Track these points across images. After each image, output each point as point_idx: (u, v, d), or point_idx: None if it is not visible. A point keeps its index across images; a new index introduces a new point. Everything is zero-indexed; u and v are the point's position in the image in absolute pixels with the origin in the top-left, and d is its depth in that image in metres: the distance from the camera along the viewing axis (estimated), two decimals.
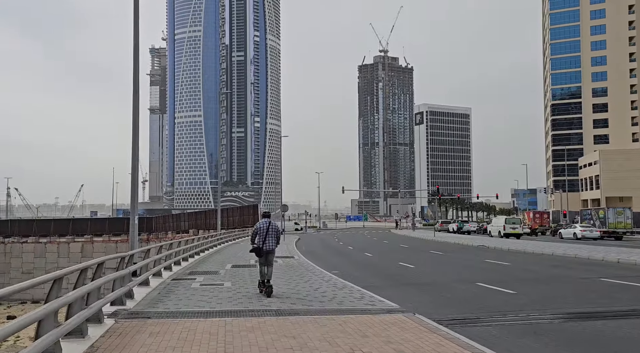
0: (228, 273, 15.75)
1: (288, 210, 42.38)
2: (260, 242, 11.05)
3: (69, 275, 5.89)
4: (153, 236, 69.71)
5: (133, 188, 13.96)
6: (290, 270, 16.96)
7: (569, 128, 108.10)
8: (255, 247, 11.10)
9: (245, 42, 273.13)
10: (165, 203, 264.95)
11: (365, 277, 16.26)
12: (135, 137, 14.12)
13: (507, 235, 42.83)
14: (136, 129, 14.17)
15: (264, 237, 11.03)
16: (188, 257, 20.47)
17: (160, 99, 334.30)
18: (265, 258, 11.12)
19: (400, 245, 34.61)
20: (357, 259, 24.15)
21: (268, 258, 11.16)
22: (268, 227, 11.09)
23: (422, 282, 14.69)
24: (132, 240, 13.76)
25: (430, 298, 11.53)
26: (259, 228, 11.13)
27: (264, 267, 11.15)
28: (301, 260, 21.59)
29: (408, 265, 19.83)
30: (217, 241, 31.54)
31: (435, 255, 25.34)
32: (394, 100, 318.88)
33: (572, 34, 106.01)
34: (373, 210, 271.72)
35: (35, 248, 63.57)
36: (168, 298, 10.44)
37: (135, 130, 14.16)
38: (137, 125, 14.25)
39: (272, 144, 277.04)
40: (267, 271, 11.10)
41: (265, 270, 11.12)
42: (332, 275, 15.38)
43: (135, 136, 14.13)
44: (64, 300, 5.45)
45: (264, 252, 11.05)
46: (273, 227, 11.18)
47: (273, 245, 11.18)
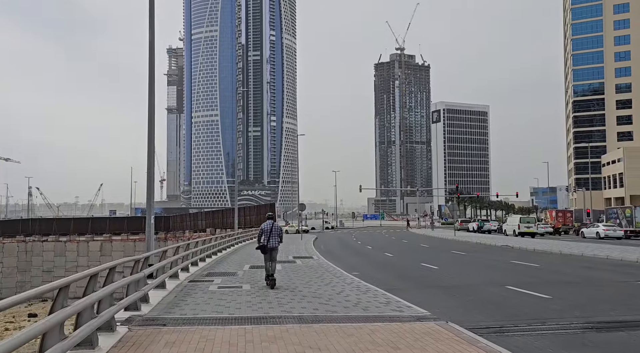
0: (246, 275, 15.29)
1: (305, 208, 41.88)
2: (265, 240, 12.26)
3: (79, 281, 5.44)
4: (171, 235, 69.90)
5: (149, 188, 13.58)
6: (309, 271, 16.44)
7: (591, 125, 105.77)
8: (261, 245, 12.34)
9: (262, 41, 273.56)
10: (182, 202, 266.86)
11: (387, 278, 15.67)
12: (151, 136, 13.73)
13: (522, 234, 42.93)
14: (151, 129, 13.78)
15: (268, 236, 12.27)
16: (205, 258, 20.10)
17: (178, 99, 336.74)
18: (269, 255, 12.34)
19: (420, 245, 33.88)
20: (377, 259, 23.54)
21: (272, 255, 12.37)
22: (271, 228, 12.35)
23: (448, 284, 14.03)
24: (149, 240, 13.38)
25: (458, 303, 10.90)
26: (264, 229, 12.38)
27: (269, 262, 12.38)
28: (320, 260, 21.07)
29: (431, 266, 19.17)
30: (234, 240, 31.19)
31: (458, 255, 24.60)
32: (411, 98, 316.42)
33: (594, 29, 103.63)
34: (389, 209, 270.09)
35: (55, 247, 64.22)
36: (185, 302, 9.99)
37: (150, 129, 13.77)
38: (153, 125, 13.86)
39: (288, 142, 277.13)
40: (271, 266, 12.30)
41: (269, 265, 12.32)
42: (354, 277, 14.82)
43: (150, 135, 13.74)
44: (71, 310, 4.98)
45: (269, 250, 12.30)
46: (276, 228, 12.44)
47: (276, 243, 12.42)
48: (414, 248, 31.40)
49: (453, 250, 27.63)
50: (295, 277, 14.51)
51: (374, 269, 18.90)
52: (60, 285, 4.91)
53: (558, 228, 52.58)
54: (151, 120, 13.77)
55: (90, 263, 59.95)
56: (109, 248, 63.42)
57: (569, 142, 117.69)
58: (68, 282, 5.05)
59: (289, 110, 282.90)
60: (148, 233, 13.47)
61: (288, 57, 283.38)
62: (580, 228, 49.64)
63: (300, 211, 41.96)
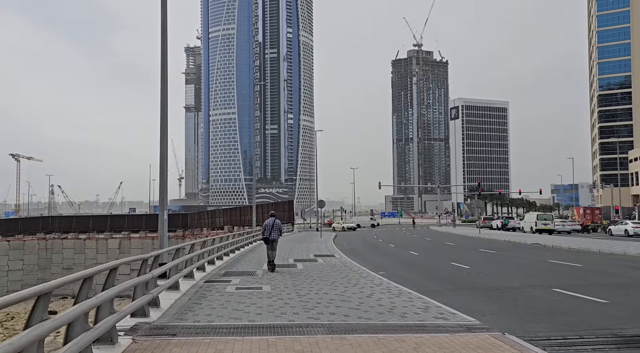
0: (266, 275, 14.27)
1: (324, 206, 40.82)
2: (267, 233, 15.31)
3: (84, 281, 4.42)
4: (188, 232, 69.52)
5: (161, 184, 12.64)
6: (333, 271, 15.35)
7: (617, 120, 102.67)
8: (264, 237, 15.44)
9: (278, 39, 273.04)
10: (200, 200, 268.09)
11: (417, 279, 14.51)
12: (163, 133, 12.79)
13: (540, 231, 43.81)
14: (164, 126, 12.83)
15: (270, 230, 15.32)
16: (223, 256, 19.17)
17: (196, 97, 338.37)
18: (270, 245, 15.35)
19: (445, 243, 32.55)
20: (403, 258, 22.36)
21: (273, 245, 15.39)
22: (273, 224, 15.44)
23: (487, 286, 12.80)
24: (162, 238, 12.45)
25: (505, 308, 9.71)
26: (267, 225, 15.49)
27: (270, 251, 15.34)
28: (343, 259, 19.97)
29: (461, 265, 17.93)
30: (252, 238, 30.29)
31: (488, 254, 23.27)
32: (429, 94, 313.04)
33: (621, 21, 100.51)
34: (407, 207, 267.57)
35: (75, 245, 64.38)
36: (199, 306, 8.99)
37: (163, 127, 12.81)
38: (166, 122, 12.91)
39: (305, 140, 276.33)
40: (271, 254, 15.30)
41: (270, 254, 15.33)
42: (381, 277, 13.69)
43: (163, 133, 12.78)
44: (51, 324, 3.96)
45: (270, 241, 15.33)
46: (276, 224, 15.51)
47: (276, 235, 15.42)
48: (438, 246, 30.12)
49: (481, 249, 26.28)
50: (319, 278, 13.43)
51: (401, 268, 17.74)
52: (40, 292, 3.90)
53: (587, 225, 50.69)
54: (164, 118, 12.84)
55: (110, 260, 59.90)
56: (127, 246, 63.37)
57: (593, 138, 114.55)
58: (51, 287, 4.04)
59: (306, 108, 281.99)
60: (161, 230, 12.54)
61: (305, 54, 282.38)
62: (609, 226, 47.87)
63: (320, 208, 40.90)
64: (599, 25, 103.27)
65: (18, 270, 61.09)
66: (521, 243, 29.90)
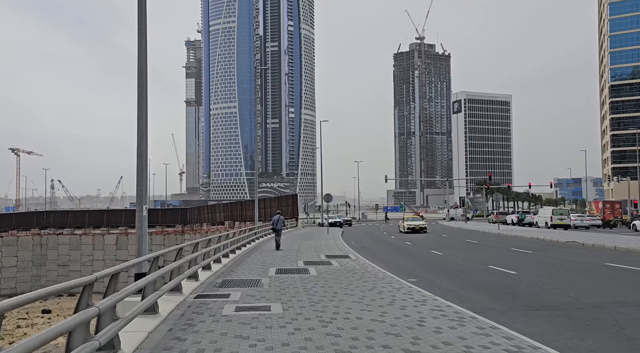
0: (274, 284, 11.50)
1: (332, 200, 38.07)
2: (274, 225, 23.00)
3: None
4: (188, 228, 67.00)
5: (140, 173, 9.83)
6: (355, 278, 12.54)
7: (629, 111, 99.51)
8: (273, 227, 23.13)
9: (280, 32, 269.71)
10: (201, 195, 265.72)
11: (461, 290, 11.71)
12: (142, 112, 9.96)
13: (555, 227, 42.42)
14: (142, 102, 10.01)
15: (276, 223, 22.97)
16: (221, 258, 16.39)
17: (196, 91, 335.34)
18: (277, 233, 22.73)
19: (466, 241, 29.72)
20: (427, 259, 19.57)
21: (278, 232, 22.76)
22: (278, 219, 23.05)
23: (558, 302, 9.98)
24: (140, 241, 9.65)
25: (612, 343, 6.92)
26: (274, 220, 23.29)
27: (277, 237, 22.68)
28: (360, 261, 17.21)
29: (504, 270, 15.13)
30: (254, 235, 27.52)
31: (527, 255, 20.43)
32: (431, 88, 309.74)
33: (634, 9, 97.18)
34: (409, 201, 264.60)
35: (70, 240, 62.21)
36: (181, 343, 6.21)
37: (141, 99, 9.99)
38: (145, 99, 10.08)
39: (306, 134, 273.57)
40: (278, 239, 22.63)
41: (277, 238, 22.64)
42: (420, 289, 10.90)
43: (141, 111, 9.95)
44: None
45: (276, 230, 22.81)
46: (280, 219, 23.21)
47: (280, 226, 23.00)
48: (461, 245, 27.32)
49: (514, 248, 23.43)
50: (341, 290, 10.63)
51: (432, 273, 14.94)
52: None
53: (609, 220, 47.82)
54: (142, 93, 10.01)
55: (106, 256, 57.51)
56: (124, 242, 61.04)
57: (604, 130, 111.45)
58: None
59: (307, 102, 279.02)
60: (139, 232, 9.75)
61: (306, 47, 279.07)
62: (633, 220, 45.07)
63: (327, 202, 38.12)
64: (611, 13, 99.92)
65: (12, 267, 58.61)
66: (554, 241, 27.03)
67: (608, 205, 53.49)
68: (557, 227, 42.75)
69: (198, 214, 72.31)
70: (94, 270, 55.19)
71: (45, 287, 4.21)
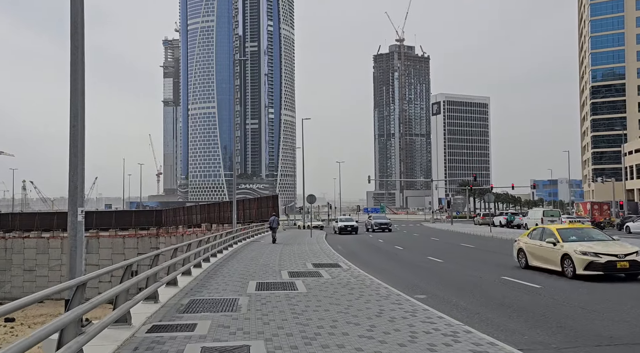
0: (254, 307, 9.12)
1: (315, 201, 35.80)
2: (271, 224, 28.86)
3: None
4: (163, 230, 63.97)
5: (72, 166, 7.37)
6: (354, 297, 10.21)
7: (610, 112, 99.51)
8: (270, 226, 29.07)
9: (259, 32, 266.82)
10: (179, 196, 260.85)
11: (486, 311, 9.52)
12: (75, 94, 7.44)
13: None
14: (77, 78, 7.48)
15: (272, 222, 28.75)
16: (191, 269, 13.92)
17: (174, 91, 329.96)
18: (273, 230, 28.73)
19: (462, 245, 27.70)
20: (425, 267, 17.39)
21: (274, 230, 28.79)
22: (273, 220, 28.91)
23: (620, 334, 7.83)
24: (74, 256, 7.18)
25: None
26: (271, 220, 28.98)
27: (273, 233, 28.62)
28: (353, 271, 14.93)
29: (522, 281, 13.00)
30: (232, 240, 25.03)
31: None
32: (410, 90, 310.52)
33: (614, 10, 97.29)
34: (389, 203, 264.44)
35: (37, 244, 58.98)
36: None
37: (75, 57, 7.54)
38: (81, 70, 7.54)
39: (286, 135, 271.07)
40: (274, 235, 28.46)
41: (273, 235, 28.43)
42: (440, 313, 8.65)
43: (75, 65, 7.49)
44: None
45: (273, 228, 28.76)
46: (276, 219, 29.15)
47: (276, 225, 28.78)
48: (455, 249, 25.28)
49: None
50: (340, 316, 8.27)
51: (440, 287, 12.72)
52: None
53: (599, 222, 46.53)
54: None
55: None
56: (95, 245, 57.99)
57: (584, 131, 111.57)
58: None
59: (287, 102, 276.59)
60: (72, 242, 7.28)
61: (286, 48, 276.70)
62: (625, 222, 43.85)
63: (310, 203, 35.76)
64: (592, 14, 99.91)
65: None
66: None
67: (596, 206, 52.37)
68: None
69: (174, 216, 69.29)
70: (62, 276, 52.02)
71: None
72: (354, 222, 43.66)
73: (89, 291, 7.40)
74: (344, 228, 42.23)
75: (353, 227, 42.40)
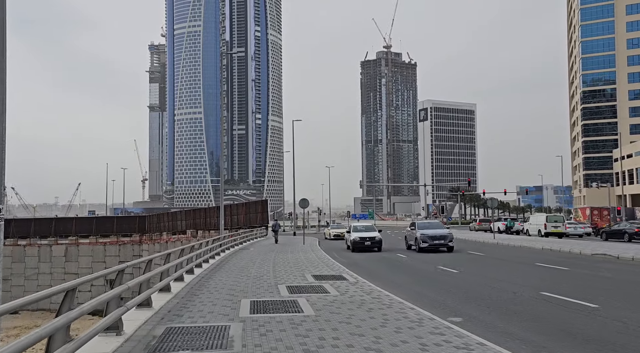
0: (250, 338, 6.84)
1: (308, 205, 33.60)
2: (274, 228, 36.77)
3: None
4: (146, 237, 61.16)
5: None
6: (377, 322, 7.98)
7: (601, 117, 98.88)
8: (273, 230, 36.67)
9: (246, 37, 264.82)
10: (165, 203, 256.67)
11: (550, 343, 7.34)
12: None
13: (548, 235, 39.57)
14: None
15: (274, 226, 36.84)
16: (171, 284, 11.57)
17: (160, 97, 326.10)
18: (276, 233, 35.96)
19: (468, 252, 25.59)
20: (441, 279, 15.21)
21: (277, 233, 36.12)
22: (276, 224, 37.36)
23: None
24: None
25: None
26: (273, 224, 37.59)
27: (276, 235, 35.82)
28: (363, 285, 12.72)
29: (568, 298, 10.88)
30: (219, 247, 22.71)
31: (566, 272, 16.32)
32: (397, 96, 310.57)
33: (605, 14, 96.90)
34: (377, 209, 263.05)
35: (13, 252, 55.76)
36: None
37: None
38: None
39: (273, 141, 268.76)
40: (277, 237, 35.69)
41: (276, 237, 35.57)
42: (498, 348, 6.46)
43: None
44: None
45: (275, 231, 36.18)
46: (278, 224, 38.10)
47: (277, 228, 36.58)
48: (465, 257, 23.18)
49: (538, 262, 19.28)
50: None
51: (471, 306, 10.52)
52: None
53: (601, 228, 44.86)
54: None
55: (54, 269, 52.07)
56: (75, 253, 54.97)
57: (574, 137, 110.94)
58: None
59: (275, 108, 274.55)
60: None
61: (273, 53, 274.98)
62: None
63: (303, 208, 33.51)
64: (582, 19, 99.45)
65: None
66: (575, 252, 23.04)
67: (596, 212, 50.88)
68: (551, 235, 39.75)
69: (158, 222, 66.55)
70: (39, 285, 49.16)
71: None
72: (375, 233, 28.57)
73: None
74: (359, 243, 27.56)
75: (374, 241, 27.61)
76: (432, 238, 25.73)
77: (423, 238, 25.71)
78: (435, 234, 25.96)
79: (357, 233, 28.31)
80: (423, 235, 25.85)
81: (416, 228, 27.46)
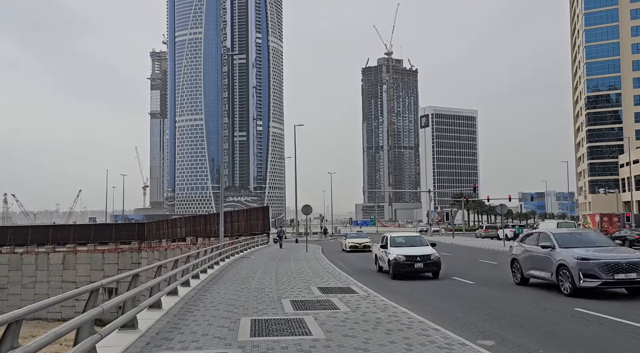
0: None
1: (311, 211, 32.51)
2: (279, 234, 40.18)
3: None
4: (145, 245, 60.14)
5: None
6: (397, 347, 6.82)
7: (606, 123, 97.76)
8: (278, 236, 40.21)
9: (247, 44, 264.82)
10: (166, 209, 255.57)
11: None
12: None
13: None
14: None
15: (279, 232, 40.25)
16: (160, 300, 10.38)
17: (161, 103, 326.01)
18: (281, 239, 39.67)
19: (480, 261, 24.39)
20: (457, 292, 14.01)
21: (282, 238, 39.93)
22: (280, 230, 40.60)
23: None
24: None
25: None
26: (278, 231, 40.85)
27: (280, 241, 39.50)
28: (374, 298, 11.56)
29: (617, 319, 9.68)
30: (218, 256, 21.54)
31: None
32: (399, 103, 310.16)
33: (610, 19, 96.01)
34: (378, 215, 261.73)
35: (10, 260, 54.80)
36: None
37: None
38: None
39: (274, 147, 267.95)
40: (281, 242, 39.26)
41: (281, 242, 39.28)
42: None
43: None
44: None
45: (280, 237, 39.79)
46: (283, 230, 41.68)
47: (282, 234, 40.09)
48: (478, 266, 21.99)
49: None
50: None
51: (502, 325, 9.32)
52: None
53: (611, 234, 43.61)
54: None
55: (51, 278, 50.99)
56: (72, 261, 53.89)
57: (579, 143, 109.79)
58: None
59: (276, 115, 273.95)
60: None
61: (274, 60, 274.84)
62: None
63: (306, 214, 32.38)
64: (587, 24, 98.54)
65: None
66: None
67: (606, 218, 49.61)
68: None
69: (157, 229, 65.49)
70: (36, 294, 47.94)
71: None
72: (428, 249, 18.19)
73: None
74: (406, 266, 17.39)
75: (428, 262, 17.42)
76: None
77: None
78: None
79: (400, 250, 17.91)
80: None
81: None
